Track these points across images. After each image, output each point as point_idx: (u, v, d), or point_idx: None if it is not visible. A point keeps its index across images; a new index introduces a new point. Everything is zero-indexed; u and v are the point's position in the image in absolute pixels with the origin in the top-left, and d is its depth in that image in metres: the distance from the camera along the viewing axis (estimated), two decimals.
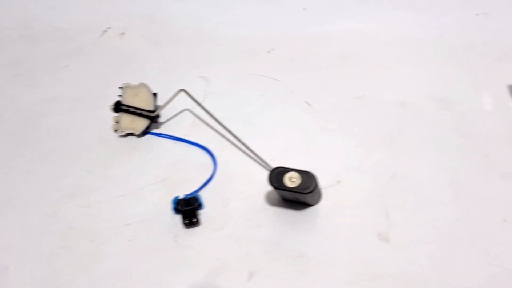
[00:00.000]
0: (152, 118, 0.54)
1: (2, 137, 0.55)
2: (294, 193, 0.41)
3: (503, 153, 0.52)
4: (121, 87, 0.55)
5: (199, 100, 0.59)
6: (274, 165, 0.50)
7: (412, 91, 0.61)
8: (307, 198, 0.42)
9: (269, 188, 0.48)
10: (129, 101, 0.54)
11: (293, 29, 0.73)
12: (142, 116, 0.53)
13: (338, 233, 0.44)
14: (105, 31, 0.75)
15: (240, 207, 0.47)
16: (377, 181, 0.49)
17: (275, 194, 0.47)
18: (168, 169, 0.51)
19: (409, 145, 0.53)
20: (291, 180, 0.40)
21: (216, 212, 0.46)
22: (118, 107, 0.54)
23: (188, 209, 0.43)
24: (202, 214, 0.46)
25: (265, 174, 0.49)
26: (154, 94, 0.55)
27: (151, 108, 0.54)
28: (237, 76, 0.65)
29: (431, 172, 0.50)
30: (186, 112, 0.58)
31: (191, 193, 0.46)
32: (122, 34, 0.74)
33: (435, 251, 0.42)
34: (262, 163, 0.50)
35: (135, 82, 0.56)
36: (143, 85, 0.55)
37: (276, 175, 0.40)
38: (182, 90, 0.54)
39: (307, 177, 0.40)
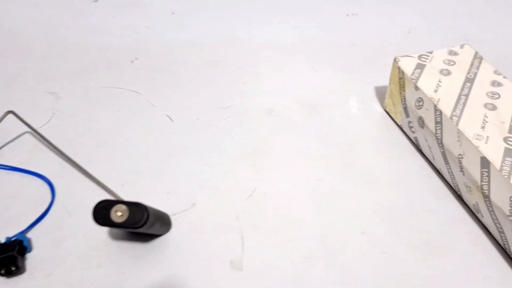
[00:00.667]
0: None
1: None
2: (124, 228, 0.35)
3: (367, 159, 0.50)
4: None
5: (45, 119, 0.52)
6: (124, 191, 0.45)
7: (279, 97, 0.58)
8: (143, 231, 0.37)
9: None
10: None
11: (160, 36, 0.68)
12: None
13: (188, 264, 0.40)
14: None
15: (78, 245, 0.41)
16: (235, 201, 0.45)
17: None
18: None
19: (273, 157, 0.50)
20: (118, 214, 0.35)
21: (48, 255, 0.40)
22: None
23: (4, 256, 0.37)
24: (30, 258, 0.39)
25: None
26: None
27: None
28: (93, 90, 0.58)
29: (292, 186, 0.47)
30: (27, 135, 0.51)
31: (16, 235, 0.40)
32: None
33: (288, 274, 0.39)
34: (109, 191, 0.44)
35: None
36: None
37: (101, 210, 0.35)
38: (10, 112, 0.47)
39: (137, 209, 0.35)
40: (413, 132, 0.51)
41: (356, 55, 0.67)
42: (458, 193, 0.46)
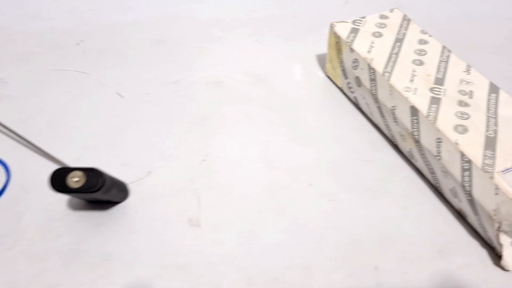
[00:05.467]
0: None
1: None
2: (82, 193, 0.37)
3: (308, 121, 0.54)
4: None
5: None
6: (79, 165, 0.46)
7: (227, 70, 0.61)
8: (101, 196, 0.39)
9: None
10: None
11: (104, 18, 0.69)
12: None
13: (147, 227, 0.42)
14: None
15: (37, 218, 0.42)
16: (189, 166, 0.47)
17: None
18: None
19: (221, 124, 0.53)
20: (75, 180, 0.36)
21: (8, 230, 0.41)
22: None
23: None
24: None
25: None
26: None
27: None
28: (40, 73, 0.58)
29: (243, 149, 0.50)
30: None
31: None
32: None
33: (244, 227, 0.42)
34: (63, 165, 0.45)
35: None
36: None
37: (57, 178, 0.36)
38: None
39: (93, 174, 0.37)
40: (352, 92, 0.55)
41: (297, 26, 0.70)
42: (395, 143, 0.50)
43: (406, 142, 0.47)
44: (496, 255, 0.40)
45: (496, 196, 0.37)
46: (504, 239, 0.39)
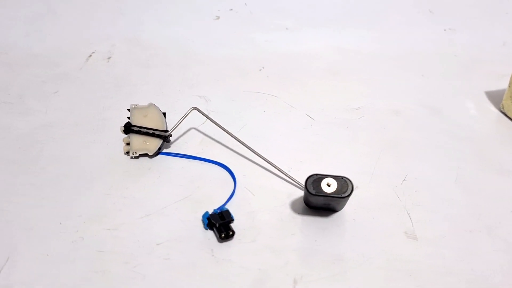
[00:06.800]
0: (165, 137, 0.53)
1: (3, 166, 0.52)
2: (330, 198, 0.42)
3: (496, 151, 0.56)
4: (128, 109, 0.54)
5: (204, 118, 0.59)
6: (293, 176, 0.51)
7: (401, 101, 0.65)
8: (339, 203, 0.44)
9: (292, 198, 0.49)
10: (138, 122, 0.53)
11: (279, 48, 0.76)
12: (154, 136, 0.53)
13: (367, 235, 0.46)
14: (90, 56, 0.73)
15: (268, 218, 0.47)
16: (392, 184, 0.51)
17: (300, 203, 0.49)
18: (188, 187, 0.51)
19: (410, 149, 0.57)
20: (328, 186, 0.41)
21: (246, 225, 0.46)
22: (129, 128, 0.53)
23: (224, 222, 0.43)
24: (233, 227, 0.46)
25: (286, 185, 0.51)
26: (164, 114, 0.55)
27: (163, 128, 0.53)
28: (235, 93, 0.66)
29: (437, 173, 0.53)
30: (193, 131, 0.59)
31: (219, 208, 0.46)
32: (109, 58, 0.73)
33: (459, 244, 0.45)
34: (282, 175, 0.51)
35: (130, 105, 0.55)
36: (152, 105, 0.54)
37: (313, 182, 0.42)
38: (194, 108, 0.54)
39: (344, 182, 0.42)
40: None
41: (459, 64, 0.74)
42: None
43: None
44: None
45: None
46: None
